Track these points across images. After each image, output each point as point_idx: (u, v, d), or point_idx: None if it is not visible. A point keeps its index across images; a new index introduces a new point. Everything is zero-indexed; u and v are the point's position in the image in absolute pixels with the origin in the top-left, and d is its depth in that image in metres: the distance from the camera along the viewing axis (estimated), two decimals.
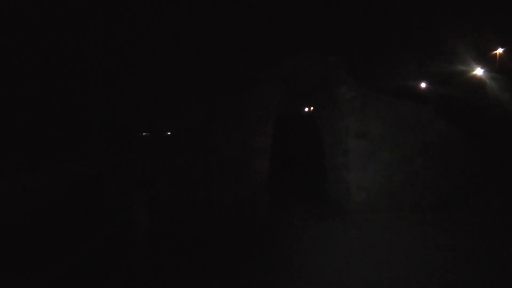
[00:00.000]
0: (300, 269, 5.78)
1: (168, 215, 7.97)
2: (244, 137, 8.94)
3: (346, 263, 5.94)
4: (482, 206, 8.71)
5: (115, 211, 7.60)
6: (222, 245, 6.99)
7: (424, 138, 9.08)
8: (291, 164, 15.96)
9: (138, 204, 5.42)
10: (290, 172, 15.04)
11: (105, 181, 9.22)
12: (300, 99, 10.51)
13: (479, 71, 22.96)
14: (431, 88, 26.07)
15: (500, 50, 27.60)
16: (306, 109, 19.76)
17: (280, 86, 9.18)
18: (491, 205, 8.70)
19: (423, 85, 27.87)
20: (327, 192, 10.83)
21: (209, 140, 8.90)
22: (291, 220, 8.85)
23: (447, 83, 22.83)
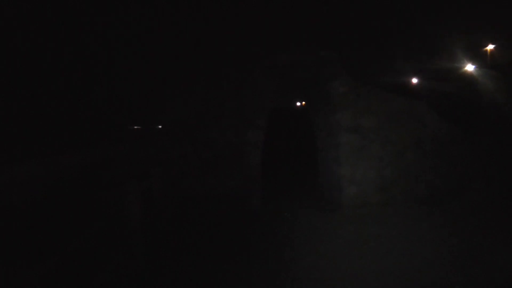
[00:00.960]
0: (291, 262, 5.83)
1: (162, 207, 7.98)
2: (238, 130, 8.96)
3: (337, 256, 6.00)
4: (474, 200, 8.81)
5: (108, 204, 7.59)
6: (216, 238, 7.03)
7: (416, 133, 9.15)
8: (284, 157, 16.03)
9: (131, 197, 5.41)
10: (283, 165, 15.11)
11: (98, 173, 9.19)
12: (294, 93, 10.51)
13: (470, 67, 23.13)
14: (423, 84, 26.24)
15: (491, 47, 27.80)
16: (299, 103, 19.82)
17: (274, 80, 9.19)
18: (482, 200, 8.80)
19: (415, 80, 28.02)
20: (319, 186, 10.89)
21: (203, 133, 8.91)
22: (283, 213, 8.91)
23: (439, 78, 22.98)
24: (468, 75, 22.08)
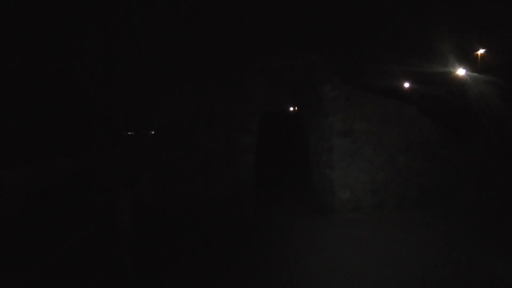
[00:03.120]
0: (284, 265, 5.80)
1: (153, 212, 7.93)
2: (229, 134, 8.94)
3: (330, 260, 5.98)
4: (465, 203, 8.85)
5: (99, 209, 7.53)
6: (207, 242, 6.99)
7: (407, 136, 9.20)
8: (276, 161, 16.03)
9: (122, 202, 5.37)
10: (275, 169, 15.10)
11: (89, 178, 9.12)
12: (285, 97, 10.54)
13: (461, 71, 23.31)
14: (414, 88, 26.41)
15: (481, 51, 28.10)
16: (291, 108, 19.85)
17: (265, 84, 9.20)
18: (473, 202, 8.84)
19: (406, 84, 28.19)
20: (311, 190, 10.89)
21: (195, 138, 8.87)
22: (275, 217, 8.89)
23: (430, 82, 23.11)
24: (459, 79, 22.25)
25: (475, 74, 20.83)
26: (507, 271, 5.26)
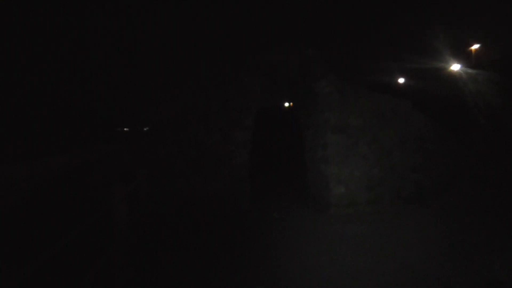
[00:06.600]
0: (280, 261, 5.82)
1: (149, 208, 7.93)
2: (224, 130, 8.94)
3: (325, 255, 6.01)
4: (459, 198, 8.90)
5: (94, 206, 7.52)
6: (203, 238, 7.00)
7: (402, 132, 9.23)
8: (271, 157, 16.04)
9: (117, 199, 5.36)
10: (270, 165, 15.12)
11: (85, 174, 9.10)
12: (280, 93, 10.53)
13: (455, 67, 23.37)
14: (409, 83, 26.47)
15: (475, 46, 28.17)
16: (287, 103, 19.85)
17: (260, 80, 9.19)
18: (467, 197, 8.89)
19: (401, 80, 28.23)
20: (306, 186, 10.91)
21: (190, 133, 8.87)
22: (271, 212, 8.91)
23: (425, 78, 23.18)
24: (453, 74, 22.32)
25: (469, 69, 20.89)
26: (502, 266, 5.31)
